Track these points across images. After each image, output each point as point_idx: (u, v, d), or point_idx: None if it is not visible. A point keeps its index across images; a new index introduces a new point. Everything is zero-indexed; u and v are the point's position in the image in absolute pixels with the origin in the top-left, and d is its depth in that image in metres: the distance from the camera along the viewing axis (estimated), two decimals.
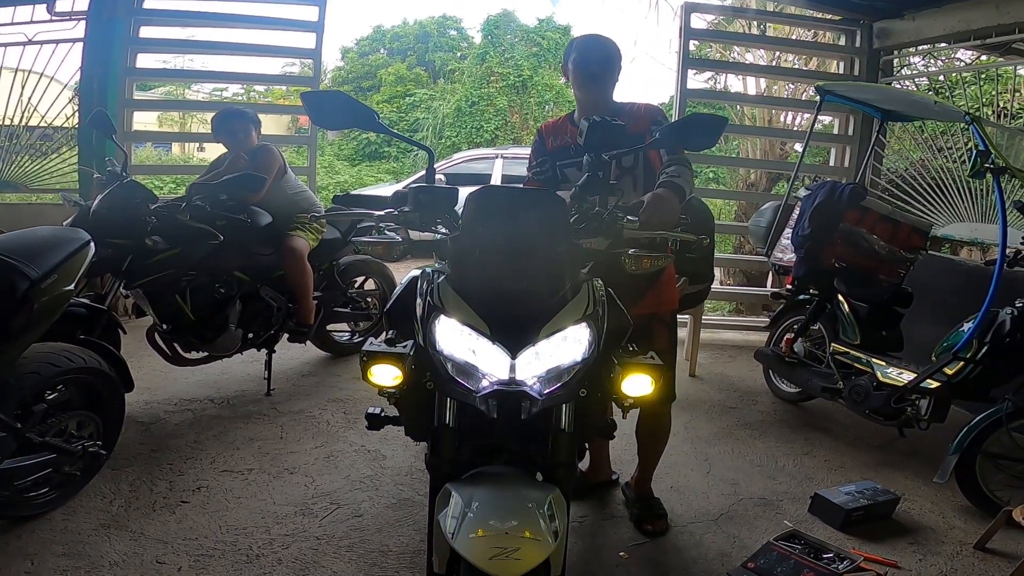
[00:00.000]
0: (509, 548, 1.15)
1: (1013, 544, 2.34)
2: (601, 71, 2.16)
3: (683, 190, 1.93)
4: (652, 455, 2.50)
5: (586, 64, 2.16)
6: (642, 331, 2.08)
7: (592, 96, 2.19)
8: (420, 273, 1.63)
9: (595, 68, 2.15)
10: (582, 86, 2.19)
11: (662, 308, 2.24)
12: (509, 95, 16.59)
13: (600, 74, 2.16)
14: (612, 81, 2.19)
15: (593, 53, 2.17)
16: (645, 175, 2.17)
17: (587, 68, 2.15)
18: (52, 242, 2.09)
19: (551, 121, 2.40)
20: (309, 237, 3.48)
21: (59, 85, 4.78)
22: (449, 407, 1.45)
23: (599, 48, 2.18)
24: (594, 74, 2.15)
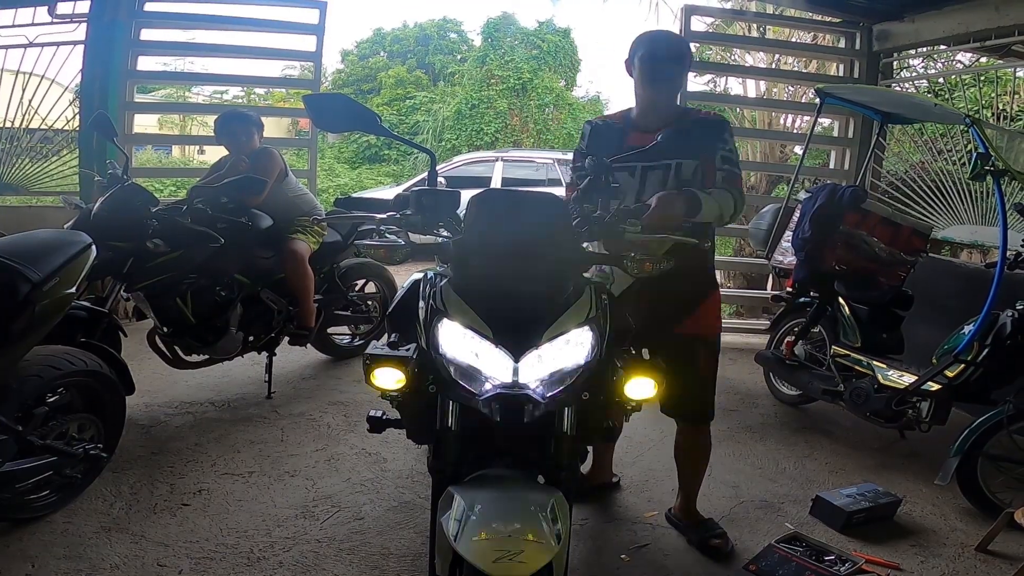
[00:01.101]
0: (512, 551, 1.15)
1: (1015, 546, 2.34)
2: (671, 70, 2.04)
3: (698, 200, 1.87)
4: (693, 478, 2.38)
5: (655, 61, 2.00)
6: (684, 352, 2.11)
7: (659, 96, 2.06)
8: (422, 276, 1.63)
9: (665, 66, 2.02)
10: (650, 84, 2.04)
11: (707, 331, 2.18)
12: (509, 98, 16.60)
13: (670, 73, 2.04)
14: (680, 82, 2.13)
15: (663, 50, 2.03)
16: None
17: (656, 65, 2.00)
18: (53, 245, 2.09)
19: (600, 119, 2.24)
20: (310, 240, 3.48)
21: (60, 87, 4.78)
22: (452, 410, 1.45)
23: (670, 45, 2.05)
24: (664, 72, 2.02)
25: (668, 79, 2.05)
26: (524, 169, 9.41)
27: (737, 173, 2.05)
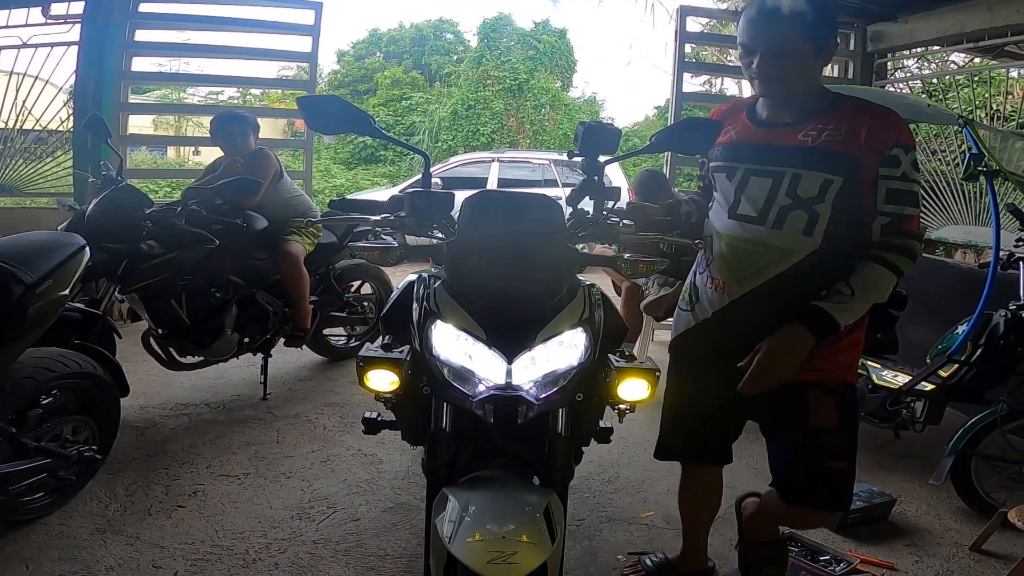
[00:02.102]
0: (506, 552, 1.15)
1: (1009, 545, 2.35)
2: (784, 43, 1.44)
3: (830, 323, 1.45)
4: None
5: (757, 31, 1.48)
6: (791, 401, 1.55)
7: (770, 89, 1.54)
8: (416, 278, 1.63)
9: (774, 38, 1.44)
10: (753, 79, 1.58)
11: (830, 374, 1.56)
12: (505, 98, 16.62)
13: (783, 46, 1.44)
14: (805, 56, 1.45)
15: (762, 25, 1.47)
16: (833, 219, 1.49)
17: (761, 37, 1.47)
18: (47, 247, 2.09)
19: (726, 106, 1.78)
20: (305, 242, 3.47)
21: (54, 88, 4.78)
22: (446, 412, 1.45)
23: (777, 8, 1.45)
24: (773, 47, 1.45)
25: (782, 55, 1.45)
26: (520, 170, 9.41)
27: (908, 216, 1.47)
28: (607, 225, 1.64)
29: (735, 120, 1.68)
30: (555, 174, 8.89)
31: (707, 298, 1.66)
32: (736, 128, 1.65)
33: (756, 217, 1.55)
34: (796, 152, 1.51)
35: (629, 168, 11.05)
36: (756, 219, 1.55)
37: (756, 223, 1.55)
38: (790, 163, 1.51)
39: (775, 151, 1.54)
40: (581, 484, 2.66)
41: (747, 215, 1.56)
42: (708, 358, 1.69)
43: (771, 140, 1.56)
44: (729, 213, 1.60)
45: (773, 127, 1.58)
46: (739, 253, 1.58)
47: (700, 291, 1.69)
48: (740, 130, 1.64)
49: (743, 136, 1.62)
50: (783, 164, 1.52)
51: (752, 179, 1.57)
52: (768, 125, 1.60)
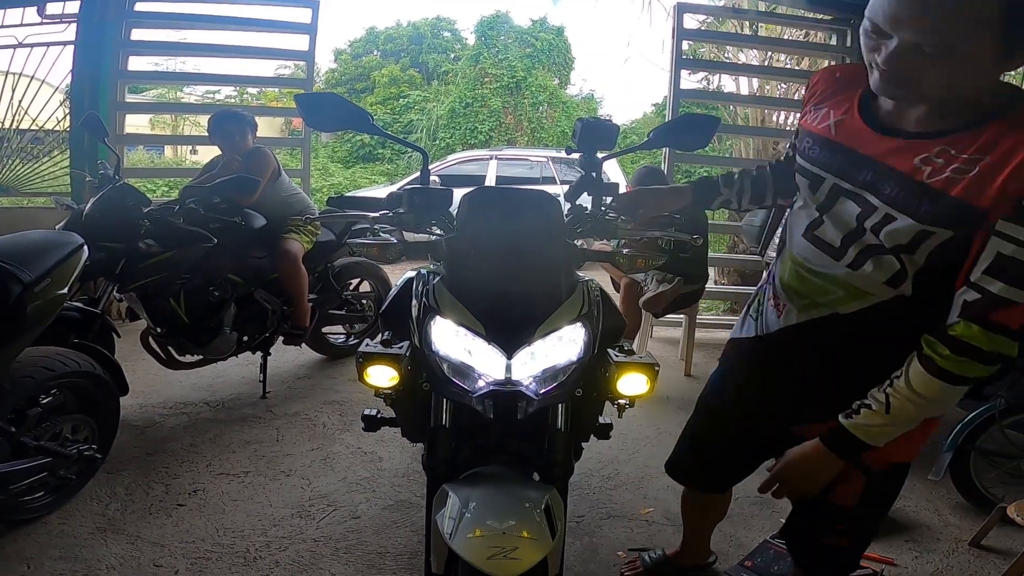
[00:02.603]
0: (507, 548, 1.15)
1: (1008, 541, 2.36)
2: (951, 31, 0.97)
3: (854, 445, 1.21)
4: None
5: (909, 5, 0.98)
6: None
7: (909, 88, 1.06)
8: (415, 274, 1.63)
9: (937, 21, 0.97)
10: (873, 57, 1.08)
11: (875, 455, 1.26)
12: (503, 96, 16.62)
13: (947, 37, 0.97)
14: (978, 57, 0.99)
15: None
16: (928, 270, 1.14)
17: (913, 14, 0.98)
18: (45, 246, 2.08)
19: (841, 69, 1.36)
20: (303, 240, 3.47)
21: (50, 88, 4.75)
22: (445, 408, 1.45)
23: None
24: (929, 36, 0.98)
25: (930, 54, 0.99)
26: (518, 167, 9.42)
27: (1010, 302, 1.04)
28: (605, 221, 1.64)
29: (843, 100, 1.26)
30: (553, 171, 8.90)
31: (768, 315, 1.42)
32: (840, 115, 1.25)
33: (833, 248, 1.24)
34: (900, 183, 1.11)
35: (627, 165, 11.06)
36: (833, 251, 1.24)
37: (832, 256, 1.24)
38: (888, 199, 1.13)
39: (875, 170, 1.15)
40: (581, 480, 2.66)
41: (825, 241, 1.26)
42: (755, 379, 1.49)
43: (876, 152, 1.16)
44: (806, 229, 1.29)
45: (886, 133, 1.16)
46: (805, 281, 1.30)
47: (766, 305, 1.44)
48: (844, 123, 1.24)
49: (844, 133, 1.23)
50: (877, 194, 1.15)
51: (840, 199, 1.22)
52: (881, 128, 1.17)
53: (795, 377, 1.37)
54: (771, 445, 1.51)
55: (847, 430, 1.20)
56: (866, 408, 1.18)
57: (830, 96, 1.30)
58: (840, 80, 1.32)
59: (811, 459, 1.27)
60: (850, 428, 1.19)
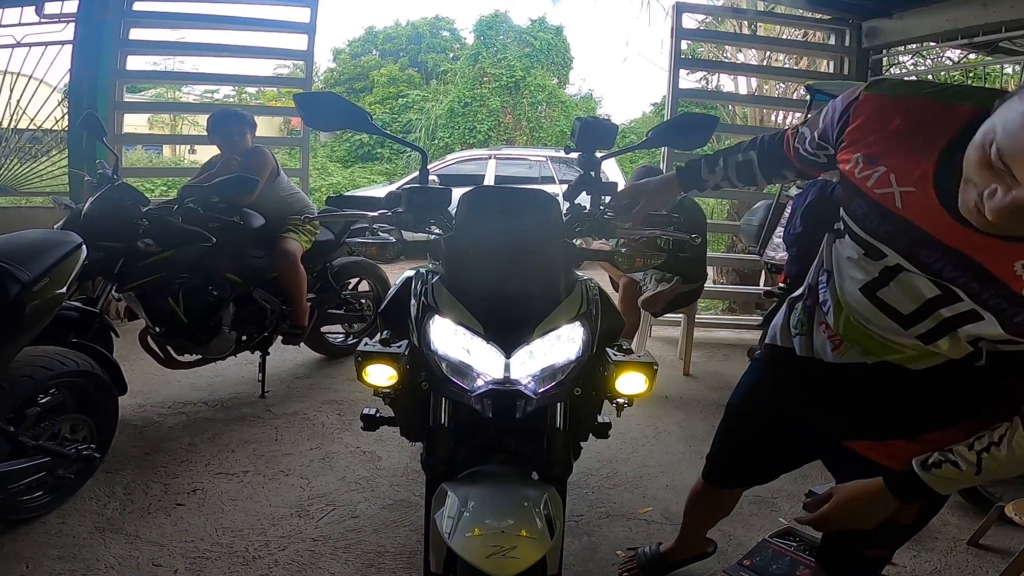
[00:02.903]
0: (505, 547, 1.15)
1: (1006, 540, 2.36)
2: None
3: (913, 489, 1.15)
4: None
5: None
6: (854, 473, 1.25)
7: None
8: (414, 273, 1.63)
9: None
10: None
11: None
12: (502, 96, 16.63)
13: None
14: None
15: None
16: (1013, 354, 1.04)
17: None
18: (43, 245, 2.08)
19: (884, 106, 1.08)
20: (302, 239, 3.47)
21: (48, 87, 4.75)
22: (444, 407, 1.45)
23: None
24: None
25: None
26: (517, 167, 9.42)
27: None
28: (604, 220, 1.64)
29: (909, 164, 1.02)
30: (552, 171, 8.90)
31: (819, 340, 1.31)
32: (908, 186, 1.01)
33: (901, 316, 1.10)
34: (995, 288, 0.96)
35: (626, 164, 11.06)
36: (900, 318, 1.11)
37: (899, 323, 1.11)
38: (977, 298, 0.98)
39: (960, 264, 0.97)
40: (579, 480, 2.67)
41: (890, 305, 1.11)
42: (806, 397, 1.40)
43: (962, 244, 0.97)
44: (865, 286, 1.14)
45: (975, 229, 0.94)
46: (868, 338, 1.18)
47: (816, 328, 1.32)
48: (914, 198, 1.01)
49: (915, 211, 1.01)
50: (963, 289, 0.99)
51: (910, 275, 1.06)
52: (968, 223, 0.94)
53: (852, 400, 1.27)
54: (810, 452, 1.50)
55: (918, 479, 1.12)
56: (951, 465, 1.09)
57: (888, 150, 1.05)
58: (901, 130, 1.04)
59: (869, 500, 1.20)
60: (928, 481, 1.12)
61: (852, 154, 1.10)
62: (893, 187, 1.03)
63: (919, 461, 1.13)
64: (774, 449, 1.57)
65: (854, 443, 1.29)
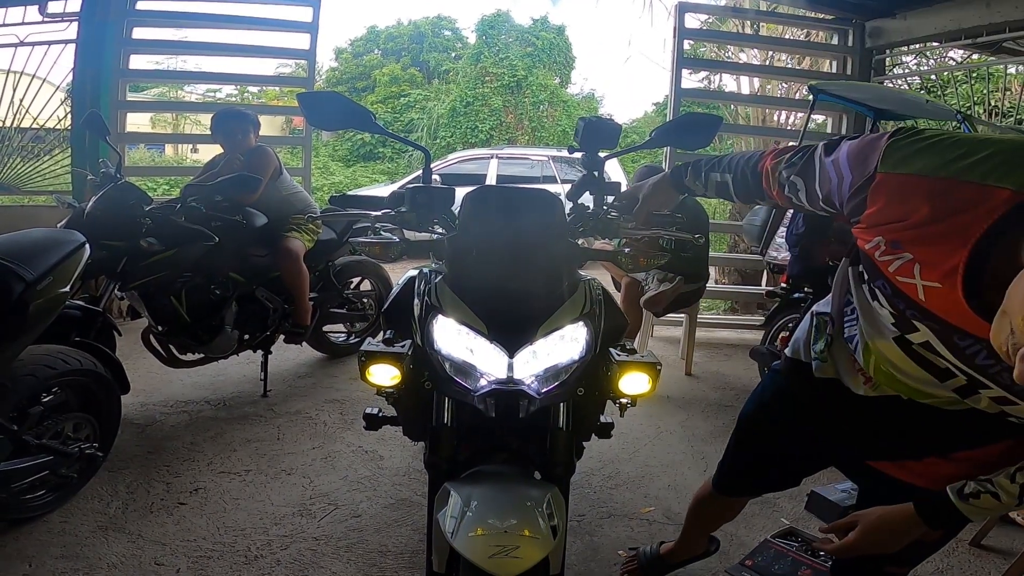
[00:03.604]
0: (508, 546, 1.15)
1: (1008, 540, 2.36)
2: None
3: None
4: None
5: None
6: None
7: None
8: (417, 273, 1.63)
9: None
10: None
11: None
12: (504, 95, 16.62)
13: None
14: None
15: None
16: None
17: None
18: (47, 244, 2.08)
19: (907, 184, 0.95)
20: (305, 238, 3.47)
21: (51, 86, 4.76)
22: (447, 406, 1.45)
23: None
24: None
25: None
26: (519, 166, 9.42)
27: None
28: (607, 220, 1.64)
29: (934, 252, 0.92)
30: (554, 170, 8.90)
31: (845, 371, 1.28)
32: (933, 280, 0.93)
33: (937, 369, 1.03)
34: None
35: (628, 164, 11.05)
36: (936, 372, 1.04)
37: (935, 376, 1.05)
38: (1007, 387, 0.96)
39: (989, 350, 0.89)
40: (582, 480, 2.67)
41: (925, 360, 1.04)
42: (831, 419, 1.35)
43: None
44: (900, 336, 1.04)
45: None
46: (901, 385, 1.14)
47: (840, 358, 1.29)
48: (939, 294, 0.93)
49: (940, 305, 0.94)
50: (996, 383, 0.96)
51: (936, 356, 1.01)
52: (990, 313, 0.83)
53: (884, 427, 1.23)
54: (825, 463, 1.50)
55: (953, 507, 1.09)
56: (990, 496, 1.06)
57: (913, 240, 0.94)
58: (928, 220, 0.91)
59: (897, 526, 1.16)
60: (964, 511, 1.08)
61: (873, 236, 0.99)
62: (916, 279, 0.94)
63: (955, 489, 1.08)
64: (789, 461, 1.56)
65: (880, 464, 1.26)
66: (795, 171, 1.17)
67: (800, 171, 1.16)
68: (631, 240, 1.78)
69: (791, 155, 1.20)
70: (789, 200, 1.23)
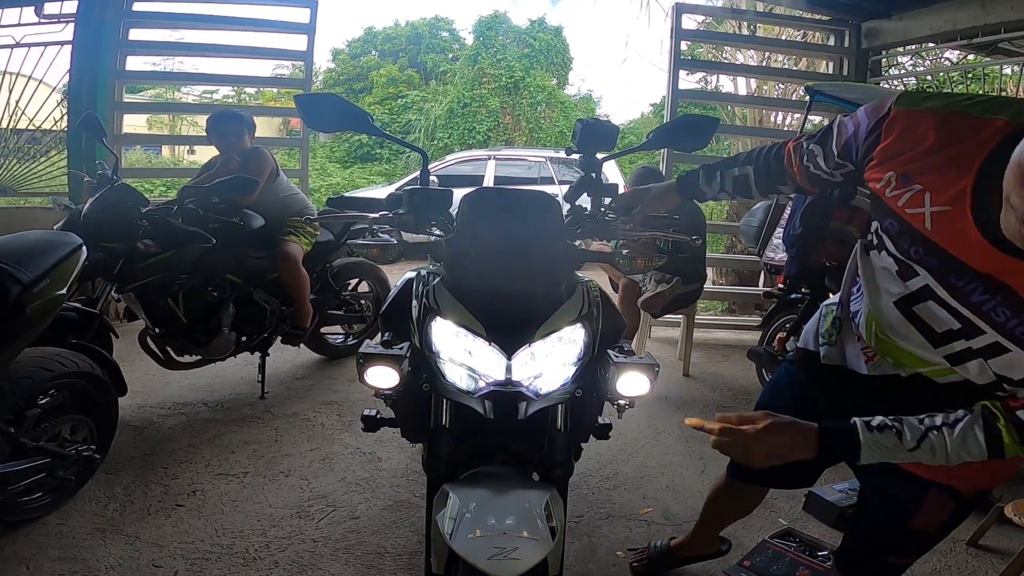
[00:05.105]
0: (507, 548, 1.15)
1: (1005, 540, 2.36)
2: None
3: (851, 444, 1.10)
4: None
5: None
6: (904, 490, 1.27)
7: None
8: (415, 275, 1.63)
9: None
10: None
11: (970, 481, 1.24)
12: (501, 96, 16.63)
13: None
14: None
15: None
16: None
17: None
18: (44, 246, 2.08)
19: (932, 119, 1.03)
20: (303, 242, 3.47)
21: (47, 88, 4.75)
22: (445, 408, 1.45)
23: None
24: None
25: None
26: (516, 167, 9.42)
27: None
28: (605, 221, 1.64)
29: (944, 180, 1.00)
30: (551, 171, 8.90)
31: (852, 352, 1.32)
32: (942, 205, 1.00)
33: (934, 334, 1.09)
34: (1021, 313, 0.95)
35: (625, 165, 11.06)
36: (932, 336, 1.09)
37: (930, 340, 1.10)
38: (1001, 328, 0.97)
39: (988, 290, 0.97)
40: (580, 481, 2.67)
41: (924, 321, 1.09)
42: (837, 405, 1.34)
43: (993, 268, 0.97)
44: (900, 302, 1.12)
45: (1012, 250, 0.93)
46: (898, 352, 1.19)
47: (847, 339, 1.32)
48: (947, 218, 1.00)
49: (945, 234, 1.00)
50: (987, 320, 0.99)
51: (933, 304, 1.06)
52: (1003, 240, 0.93)
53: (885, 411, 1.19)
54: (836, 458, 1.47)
55: (856, 436, 1.08)
56: (894, 433, 1.06)
57: (923, 168, 1.02)
58: (936, 146, 1.01)
59: (793, 438, 1.13)
60: (864, 441, 1.07)
61: (884, 172, 1.07)
62: (925, 207, 1.02)
63: (863, 421, 1.09)
64: None
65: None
66: (814, 141, 1.30)
67: (819, 140, 1.29)
68: (628, 241, 1.79)
69: (812, 134, 1.33)
70: (806, 170, 1.33)
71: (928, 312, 1.07)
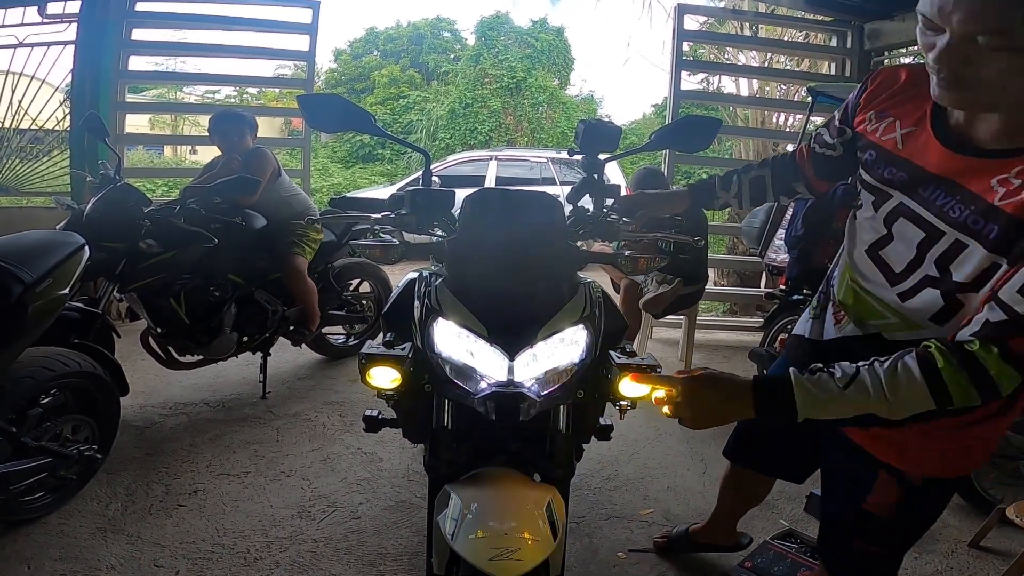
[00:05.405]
0: (509, 549, 1.15)
1: (1007, 542, 2.36)
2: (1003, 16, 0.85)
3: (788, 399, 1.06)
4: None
5: None
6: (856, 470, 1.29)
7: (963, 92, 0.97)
8: (417, 276, 1.63)
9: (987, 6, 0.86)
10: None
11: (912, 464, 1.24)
12: (503, 97, 16.64)
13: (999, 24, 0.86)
14: None
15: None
16: None
17: None
18: (46, 246, 2.08)
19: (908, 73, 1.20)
20: (307, 252, 3.47)
21: (50, 88, 4.75)
22: (447, 409, 1.46)
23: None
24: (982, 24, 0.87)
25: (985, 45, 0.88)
26: (518, 168, 9.41)
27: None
28: (607, 223, 1.64)
29: (913, 110, 1.15)
30: (553, 172, 8.90)
31: (828, 321, 1.34)
32: (909, 126, 1.15)
33: (893, 273, 1.16)
34: (971, 205, 1.02)
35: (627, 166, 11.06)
36: (892, 275, 1.17)
37: (889, 280, 1.17)
38: (956, 223, 1.04)
39: (945, 190, 1.06)
40: (581, 481, 2.67)
41: (887, 263, 1.18)
42: None
43: (948, 170, 1.06)
44: (870, 247, 1.21)
45: (961, 149, 1.05)
46: (859, 299, 1.24)
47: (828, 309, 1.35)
48: (913, 136, 1.13)
49: (912, 148, 1.13)
50: (944, 218, 1.06)
51: (903, 221, 1.14)
52: (955, 144, 1.06)
53: None
54: None
55: (789, 383, 1.04)
56: (827, 375, 1.03)
57: (896, 103, 1.19)
58: (907, 85, 1.18)
59: (726, 391, 1.10)
60: (796, 387, 1.03)
61: (867, 114, 1.25)
62: (896, 131, 1.17)
63: (796, 369, 1.06)
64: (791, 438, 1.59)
65: (847, 428, 1.30)
66: (822, 125, 1.43)
67: (825, 121, 1.42)
68: (630, 242, 1.79)
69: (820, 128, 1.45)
70: (813, 155, 1.46)
71: (892, 252, 1.18)
